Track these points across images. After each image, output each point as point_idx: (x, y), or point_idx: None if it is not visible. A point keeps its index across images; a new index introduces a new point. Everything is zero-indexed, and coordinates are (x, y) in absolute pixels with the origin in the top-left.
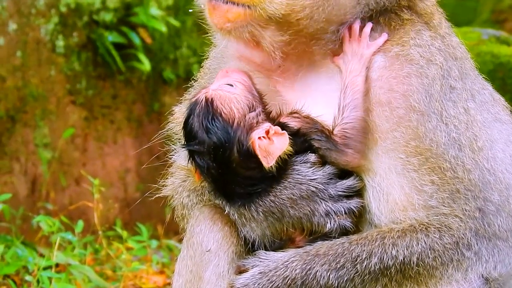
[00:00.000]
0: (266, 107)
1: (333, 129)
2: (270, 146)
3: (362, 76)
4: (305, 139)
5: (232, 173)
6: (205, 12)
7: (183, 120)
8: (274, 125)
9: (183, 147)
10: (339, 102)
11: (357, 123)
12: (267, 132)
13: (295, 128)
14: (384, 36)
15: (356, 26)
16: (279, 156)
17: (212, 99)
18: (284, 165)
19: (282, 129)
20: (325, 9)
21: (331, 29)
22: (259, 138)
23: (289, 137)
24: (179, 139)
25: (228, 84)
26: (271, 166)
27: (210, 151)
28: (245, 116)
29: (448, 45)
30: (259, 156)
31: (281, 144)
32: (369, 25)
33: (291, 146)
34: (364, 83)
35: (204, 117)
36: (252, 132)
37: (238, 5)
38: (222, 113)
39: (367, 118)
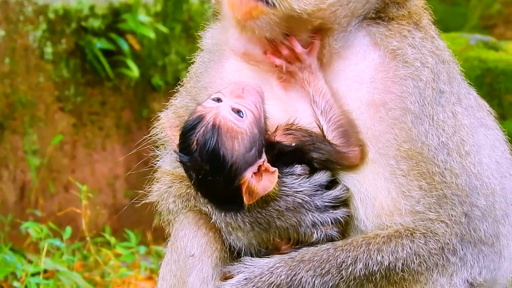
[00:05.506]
0: (267, 132)
1: (325, 136)
2: (258, 185)
3: (320, 79)
4: (302, 153)
5: (212, 192)
6: (224, 4)
7: (183, 130)
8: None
9: (175, 153)
10: (316, 112)
11: (342, 120)
12: (259, 168)
13: (292, 145)
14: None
15: (295, 44)
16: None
17: (219, 127)
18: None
19: (279, 151)
20: (350, 6)
21: (343, 27)
22: (251, 175)
23: (289, 150)
24: (164, 144)
25: (238, 112)
26: (250, 204)
27: (199, 172)
28: (244, 155)
29: (437, 47)
30: (243, 193)
31: (268, 183)
32: (295, 42)
33: (286, 163)
34: (324, 83)
35: (205, 143)
36: (246, 170)
37: (264, 1)
38: (223, 148)
39: (345, 111)
